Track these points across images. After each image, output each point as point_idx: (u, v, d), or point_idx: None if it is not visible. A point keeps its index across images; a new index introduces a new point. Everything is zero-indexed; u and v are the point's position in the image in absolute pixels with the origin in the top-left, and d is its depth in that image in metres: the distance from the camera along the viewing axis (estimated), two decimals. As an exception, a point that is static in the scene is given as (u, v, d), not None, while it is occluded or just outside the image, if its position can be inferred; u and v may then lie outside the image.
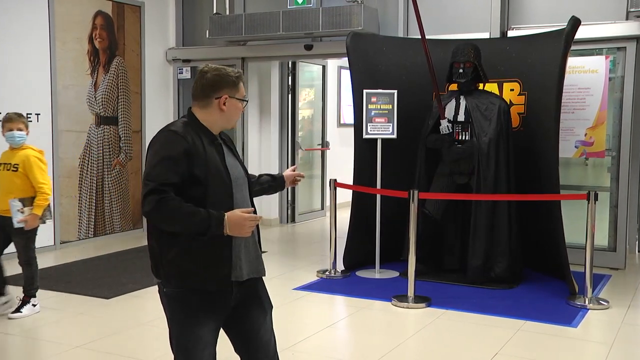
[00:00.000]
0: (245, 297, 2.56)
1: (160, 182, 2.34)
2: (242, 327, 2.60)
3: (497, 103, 5.74)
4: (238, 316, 2.58)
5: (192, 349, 2.47)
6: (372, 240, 6.16)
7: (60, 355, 4.11)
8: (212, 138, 2.51)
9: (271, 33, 7.45)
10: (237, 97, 2.55)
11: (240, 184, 2.55)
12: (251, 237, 2.55)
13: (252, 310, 2.59)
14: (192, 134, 2.45)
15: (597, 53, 6.47)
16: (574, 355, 4.23)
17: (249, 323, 2.59)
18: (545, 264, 6.07)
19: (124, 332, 4.55)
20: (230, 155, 2.57)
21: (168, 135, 2.44)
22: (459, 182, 5.86)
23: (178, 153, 2.38)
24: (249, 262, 2.55)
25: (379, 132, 6.05)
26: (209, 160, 2.43)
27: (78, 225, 7.50)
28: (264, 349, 2.62)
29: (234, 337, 2.63)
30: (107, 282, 5.79)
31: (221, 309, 2.52)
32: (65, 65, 7.27)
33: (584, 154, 6.52)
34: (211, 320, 2.49)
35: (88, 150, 7.60)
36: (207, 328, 2.48)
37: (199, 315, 2.46)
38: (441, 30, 6.82)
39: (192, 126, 2.50)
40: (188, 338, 2.47)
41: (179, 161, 2.37)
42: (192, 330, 2.46)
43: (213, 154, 2.46)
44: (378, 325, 4.93)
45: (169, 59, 8.64)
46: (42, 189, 4.87)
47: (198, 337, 2.46)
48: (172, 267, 2.44)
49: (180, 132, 2.43)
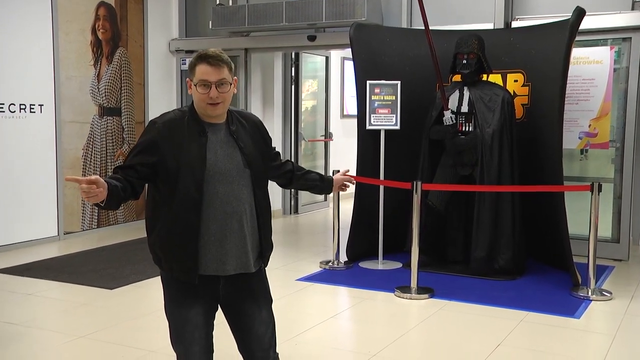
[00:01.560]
0: (237, 290, 2.55)
1: (121, 166, 2.42)
2: (236, 319, 2.60)
3: (501, 94, 5.72)
4: (232, 309, 2.59)
5: (180, 329, 2.51)
6: (375, 232, 6.15)
7: (64, 345, 4.13)
8: (200, 129, 2.44)
9: (274, 24, 7.42)
10: (193, 81, 2.43)
11: (229, 175, 2.44)
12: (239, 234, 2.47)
13: (245, 304, 2.57)
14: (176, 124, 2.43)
15: (602, 44, 6.42)
16: (577, 346, 4.23)
17: (243, 316, 2.58)
18: (549, 255, 6.06)
19: (127, 322, 4.56)
20: (225, 148, 2.47)
21: (149, 125, 2.48)
22: (462, 174, 5.84)
23: (146, 143, 2.42)
24: (237, 257, 2.48)
25: (382, 123, 6.03)
26: (183, 151, 2.39)
27: (82, 216, 7.51)
28: (258, 341, 2.60)
29: (231, 328, 2.65)
30: (111, 273, 5.79)
31: (207, 296, 2.51)
32: (68, 57, 7.25)
33: (587, 145, 6.50)
34: (197, 304, 2.49)
35: (91, 141, 7.60)
36: (194, 311, 2.49)
37: (182, 298, 2.49)
38: (445, 21, 6.78)
39: (188, 114, 2.47)
40: (176, 319, 2.53)
41: (140, 151, 2.41)
42: (179, 312, 2.51)
43: (192, 145, 2.41)
44: (381, 316, 4.94)
45: (171, 50, 8.62)
46: None
47: (185, 319, 2.49)
48: (151, 251, 2.52)
49: (158, 123, 2.45)
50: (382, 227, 6.10)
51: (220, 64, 2.40)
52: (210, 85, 2.38)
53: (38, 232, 6.99)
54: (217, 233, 2.43)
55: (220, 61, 2.40)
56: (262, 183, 2.57)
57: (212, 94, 2.38)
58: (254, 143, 2.55)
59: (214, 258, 2.45)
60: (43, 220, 7.06)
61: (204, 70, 2.38)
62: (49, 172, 7.09)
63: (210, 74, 2.38)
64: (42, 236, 7.05)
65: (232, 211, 2.44)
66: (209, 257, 2.44)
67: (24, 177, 6.83)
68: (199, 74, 2.39)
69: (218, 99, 2.40)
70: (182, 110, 2.51)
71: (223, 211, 2.43)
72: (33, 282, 5.51)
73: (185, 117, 2.46)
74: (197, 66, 2.40)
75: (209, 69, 2.38)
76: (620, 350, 4.11)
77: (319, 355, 4.06)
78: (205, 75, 2.38)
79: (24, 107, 6.80)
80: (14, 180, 6.74)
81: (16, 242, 6.78)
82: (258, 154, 2.55)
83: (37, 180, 6.96)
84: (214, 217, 2.43)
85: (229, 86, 2.43)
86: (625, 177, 6.37)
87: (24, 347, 4.10)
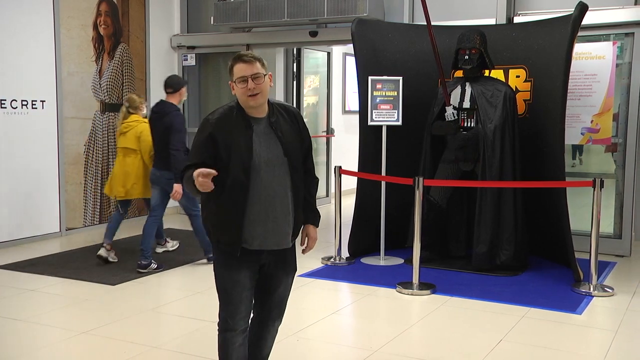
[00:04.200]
0: (275, 260, 2.93)
1: (189, 164, 2.78)
2: (266, 281, 2.96)
3: (503, 90, 5.70)
4: (266, 273, 2.94)
5: (230, 289, 2.86)
6: (376, 227, 6.15)
7: (66, 341, 4.13)
8: (246, 123, 2.79)
9: (276, 19, 7.41)
10: (233, 80, 2.81)
11: (272, 164, 2.80)
12: (280, 214, 2.84)
13: (278, 271, 2.96)
14: (224, 121, 2.79)
15: (605, 39, 6.40)
16: (579, 342, 4.23)
17: (273, 279, 2.96)
18: (551, 251, 6.06)
19: (129, 318, 4.56)
20: (268, 139, 2.82)
21: (202, 123, 2.84)
22: (464, 169, 5.84)
23: (204, 139, 2.77)
24: (277, 234, 2.86)
25: (384, 119, 6.01)
26: (234, 143, 2.75)
27: (83, 212, 7.52)
28: (278, 302, 3.03)
29: (258, 288, 2.97)
30: (113, 269, 5.80)
31: (253, 262, 2.87)
32: (70, 52, 7.25)
33: (589, 141, 6.48)
34: (245, 268, 2.85)
35: (93, 137, 7.60)
36: (243, 274, 2.85)
37: (233, 262, 2.84)
38: (447, 17, 6.76)
39: (236, 110, 2.83)
40: (226, 281, 2.87)
41: (204, 146, 2.77)
42: (229, 275, 2.86)
43: (240, 137, 2.77)
44: (383, 312, 4.94)
45: (173, 46, 8.61)
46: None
47: (235, 280, 2.85)
48: (205, 224, 2.91)
49: (211, 120, 2.81)
50: (384, 223, 6.09)
51: (253, 60, 2.80)
52: (247, 79, 2.76)
53: (40, 228, 7.00)
54: (260, 213, 2.80)
55: (252, 58, 2.81)
56: (298, 169, 2.93)
57: (249, 85, 2.76)
58: (292, 132, 2.91)
59: (258, 235, 2.82)
60: (45, 217, 7.06)
61: (240, 68, 2.78)
62: (50, 168, 7.09)
63: (245, 69, 2.77)
64: (44, 232, 7.06)
65: (274, 194, 2.81)
66: (253, 234, 2.81)
67: (26, 174, 6.83)
68: (237, 72, 2.79)
69: (255, 90, 2.77)
70: (230, 107, 2.85)
71: (266, 194, 2.80)
72: (35, 278, 5.52)
73: (233, 112, 2.82)
74: (235, 66, 2.81)
75: (244, 66, 2.78)
76: (622, 346, 4.11)
77: (320, 351, 4.06)
78: (241, 71, 2.78)
79: (26, 103, 6.80)
80: (16, 176, 6.75)
81: (18, 238, 6.79)
82: (296, 142, 2.92)
83: (38, 177, 6.97)
84: (257, 200, 2.79)
85: (263, 78, 2.79)
86: (627, 172, 6.35)
87: (27, 343, 4.11)
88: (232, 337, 2.92)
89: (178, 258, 6.22)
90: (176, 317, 4.68)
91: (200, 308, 4.81)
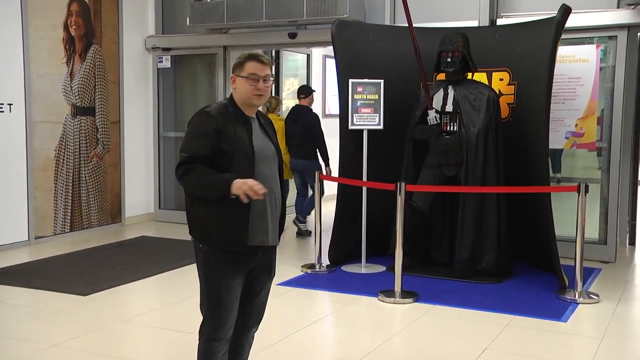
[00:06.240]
0: (265, 261, 2.97)
1: (191, 155, 2.79)
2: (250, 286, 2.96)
3: (486, 93, 5.65)
4: (251, 276, 2.96)
5: (225, 295, 2.86)
6: (358, 234, 6.06)
7: (35, 354, 4.01)
8: (244, 120, 2.88)
9: (254, 20, 7.31)
10: (241, 75, 2.87)
11: (268, 159, 2.91)
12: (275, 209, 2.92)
13: (263, 274, 3.01)
14: (225, 116, 2.83)
15: (588, 42, 6.39)
16: (564, 350, 4.20)
17: (257, 283, 3.00)
18: (535, 257, 6.02)
19: (101, 329, 4.45)
20: (262, 136, 2.93)
21: (203, 116, 2.86)
22: (447, 174, 5.77)
23: (210, 131, 2.79)
24: (273, 230, 2.93)
25: (365, 122, 5.94)
26: (237, 137, 2.81)
27: (54, 219, 7.29)
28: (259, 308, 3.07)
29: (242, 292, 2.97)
30: (84, 279, 5.65)
31: (246, 266, 2.90)
32: (39, 54, 7.03)
33: (574, 145, 6.44)
34: (238, 275, 2.88)
35: (64, 141, 7.38)
36: (237, 280, 2.88)
37: (229, 269, 2.85)
38: (429, 18, 6.71)
39: (230, 107, 2.89)
40: (222, 286, 2.86)
41: (209, 138, 2.78)
42: (226, 282, 2.85)
43: (241, 132, 2.83)
44: (364, 321, 4.88)
45: (148, 48, 8.44)
46: None
47: (230, 287, 2.86)
48: (199, 226, 2.87)
49: (213, 113, 2.84)
50: (365, 230, 6.00)
51: (268, 63, 2.93)
52: (259, 79, 2.86)
53: (7, 237, 6.78)
54: (261, 207, 2.85)
55: (268, 60, 2.95)
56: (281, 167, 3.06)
57: (259, 85, 2.87)
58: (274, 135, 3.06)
59: (260, 230, 2.87)
60: (13, 225, 6.83)
61: (254, 66, 2.87)
62: (19, 174, 6.87)
63: (260, 69, 2.88)
64: (12, 241, 6.83)
65: (271, 189, 2.88)
66: (255, 229, 2.85)
67: (-7, 179, 6.61)
68: (249, 69, 2.87)
69: (263, 91, 2.89)
70: (224, 104, 2.92)
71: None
72: (2, 289, 5.35)
73: (229, 109, 2.89)
74: (247, 63, 2.88)
75: (259, 65, 2.88)
76: (607, 353, 4.09)
77: (301, 364, 3.98)
78: (255, 70, 2.87)
79: (-7, 106, 6.59)
80: (-17, 182, 6.52)
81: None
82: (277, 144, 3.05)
83: (6, 183, 6.75)
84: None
85: (270, 82, 2.93)
86: (612, 177, 6.33)
87: (-9, 359, 3.95)
88: (217, 346, 2.91)
89: (151, 267, 6.05)
90: (150, 328, 4.57)
91: (175, 319, 4.71)
